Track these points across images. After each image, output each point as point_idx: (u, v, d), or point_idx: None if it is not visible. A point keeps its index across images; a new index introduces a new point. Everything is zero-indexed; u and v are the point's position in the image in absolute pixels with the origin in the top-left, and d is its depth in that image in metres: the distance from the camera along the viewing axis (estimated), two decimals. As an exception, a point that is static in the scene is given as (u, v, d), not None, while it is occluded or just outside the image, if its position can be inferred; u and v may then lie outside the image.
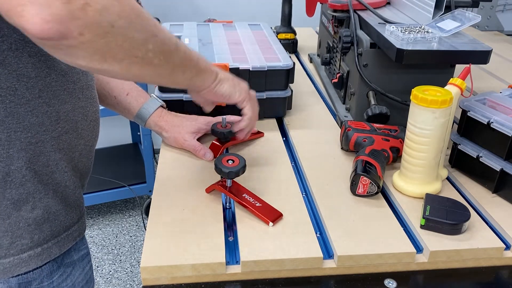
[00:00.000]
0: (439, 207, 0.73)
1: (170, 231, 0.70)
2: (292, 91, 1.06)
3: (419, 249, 0.70)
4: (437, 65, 0.95)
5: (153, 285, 0.65)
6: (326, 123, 1.07)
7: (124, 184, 2.27)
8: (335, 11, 1.12)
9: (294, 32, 1.53)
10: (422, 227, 0.72)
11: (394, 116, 0.93)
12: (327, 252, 0.69)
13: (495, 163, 0.79)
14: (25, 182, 0.66)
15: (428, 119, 0.74)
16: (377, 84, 0.95)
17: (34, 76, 0.62)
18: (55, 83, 0.65)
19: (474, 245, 0.70)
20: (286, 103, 1.06)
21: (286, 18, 1.51)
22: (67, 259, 0.76)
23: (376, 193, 0.79)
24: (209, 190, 0.79)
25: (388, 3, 1.19)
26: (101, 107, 0.86)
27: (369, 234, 0.71)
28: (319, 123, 1.06)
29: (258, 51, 1.07)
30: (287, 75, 1.02)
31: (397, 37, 0.88)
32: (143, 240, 0.98)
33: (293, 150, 0.96)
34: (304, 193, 0.82)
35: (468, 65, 0.80)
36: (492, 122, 0.79)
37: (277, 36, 1.23)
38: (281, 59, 1.02)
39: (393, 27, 0.91)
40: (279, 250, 0.67)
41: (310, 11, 1.34)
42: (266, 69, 0.99)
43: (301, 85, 1.27)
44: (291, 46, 1.52)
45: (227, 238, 0.71)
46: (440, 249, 0.69)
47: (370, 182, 0.78)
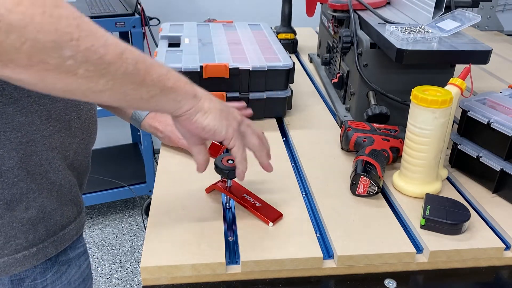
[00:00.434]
0: (439, 207, 0.73)
1: (170, 231, 0.70)
2: (292, 91, 1.06)
3: (419, 249, 0.70)
4: (437, 65, 0.95)
5: (153, 285, 0.65)
6: (326, 123, 1.07)
7: (124, 184, 2.27)
8: (335, 11, 1.12)
9: (294, 32, 1.53)
10: (422, 227, 0.72)
11: (394, 116, 0.93)
12: (327, 252, 0.69)
13: (495, 163, 0.79)
14: (17, 182, 0.65)
15: (428, 119, 0.74)
16: (377, 84, 0.95)
17: None
18: None
19: (474, 245, 0.70)
20: (286, 103, 1.06)
21: (286, 18, 1.51)
22: (62, 257, 0.75)
23: (376, 193, 0.79)
24: (209, 190, 0.79)
25: (388, 3, 1.19)
26: (99, 108, 0.86)
27: (369, 234, 0.71)
28: (319, 123, 1.06)
29: (258, 51, 1.07)
30: (287, 75, 1.02)
31: (397, 37, 0.88)
32: (143, 240, 0.98)
33: (293, 150, 0.96)
34: (304, 193, 0.82)
35: (468, 65, 0.80)
36: (492, 122, 0.79)
37: (277, 36, 1.23)
38: (281, 59, 1.02)
39: (393, 27, 0.91)
40: (279, 250, 0.67)
41: (310, 11, 1.34)
42: (266, 69, 0.99)
43: (301, 85, 1.27)
44: (291, 46, 1.52)
45: (227, 238, 0.71)
46: (440, 249, 0.69)
47: (370, 182, 0.78)
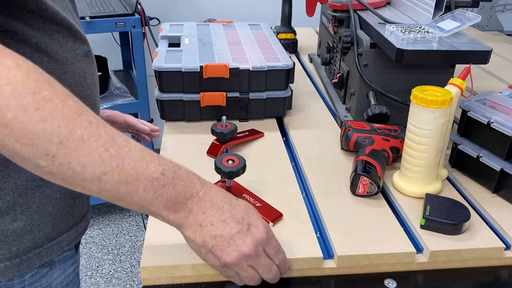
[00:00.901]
0: (439, 207, 0.73)
1: (170, 231, 0.70)
2: (292, 91, 1.06)
3: (419, 249, 0.70)
4: (437, 65, 0.95)
5: (153, 285, 0.65)
6: (326, 123, 1.07)
7: (124, 184, 2.27)
8: (335, 11, 1.12)
9: (294, 32, 1.53)
10: (422, 227, 0.72)
11: (394, 116, 0.93)
12: (327, 252, 0.69)
13: (495, 163, 0.79)
14: (3, 195, 0.63)
15: (428, 119, 0.74)
16: (377, 84, 0.95)
17: None
18: None
19: (474, 245, 0.70)
20: (286, 103, 1.06)
21: (286, 18, 1.51)
22: None
23: (376, 193, 0.79)
24: None
25: (388, 3, 1.19)
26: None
27: (369, 234, 0.71)
28: (319, 123, 1.06)
29: (258, 51, 1.07)
30: (287, 75, 1.02)
31: (397, 37, 0.88)
32: (143, 240, 0.98)
33: (293, 150, 0.96)
34: (304, 193, 0.82)
35: (468, 65, 0.80)
36: (492, 122, 0.79)
37: (277, 36, 1.23)
38: (281, 59, 1.02)
39: (393, 27, 0.91)
40: (279, 250, 0.67)
41: (310, 11, 1.34)
42: (266, 69, 0.99)
43: (301, 85, 1.27)
44: (291, 46, 1.52)
45: (227, 238, 0.71)
46: (440, 249, 0.69)
47: (370, 182, 0.78)
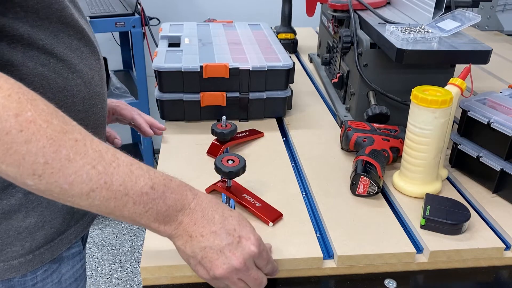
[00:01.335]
0: (439, 207, 0.73)
1: (170, 231, 0.70)
2: (292, 91, 1.06)
3: (419, 249, 0.70)
4: (437, 65, 0.95)
5: (153, 285, 0.65)
6: (326, 123, 1.07)
7: (124, 184, 2.26)
8: (335, 11, 1.12)
9: (294, 32, 1.53)
10: (422, 227, 0.72)
11: (394, 116, 0.93)
12: (327, 252, 0.69)
13: (495, 163, 0.79)
14: (15, 193, 0.64)
15: (428, 119, 0.74)
16: (377, 84, 0.95)
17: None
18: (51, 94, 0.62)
19: (474, 245, 0.70)
20: (286, 103, 1.06)
21: (286, 18, 1.51)
22: None
23: (376, 193, 0.79)
24: (209, 190, 0.79)
25: (388, 3, 1.19)
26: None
27: (369, 234, 0.71)
28: (319, 123, 1.06)
29: (258, 51, 1.07)
30: (287, 75, 1.02)
31: (397, 37, 0.88)
32: (143, 240, 0.98)
33: (293, 150, 0.96)
34: (304, 193, 0.82)
35: (468, 65, 0.80)
36: (492, 122, 0.79)
37: (277, 36, 1.23)
38: (281, 59, 1.02)
39: (393, 27, 0.91)
40: (279, 250, 0.67)
41: (310, 11, 1.34)
42: (266, 69, 0.99)
43: (301, 85, 1.27)
44: (291, 46, 1.52)
45: (227, 238, 0.71)
46: (440, 249, 0.69)
47: (370, 182, 0.78)
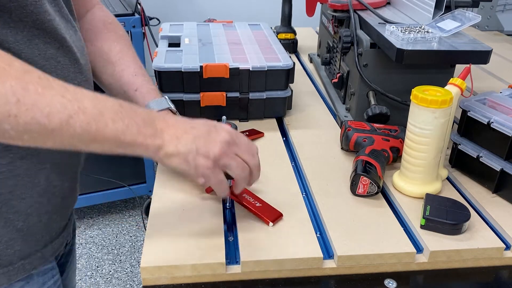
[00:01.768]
0: (439, 207, 0.73)
1: (170, 231, 0.70)
2: (292, 91, 1.06)
3: (419, 249, 0.70)
4: (437, 65, 0.95)
5: (153, 285, 0.65)
6: (326, 123, 1.07)
7: (124, 184, 2.27)
8: (335, 11, 1.12)
9: (294, 32, 1.53)
10: (422, 227, 0.72)
11: (394, 116, 0.93)
12: (327, 252, 0.69)
13: (495, 163, 0.79)
14: None
15: (428, 119, 0.74)
16: (377, 84, 0.95)
17: None
18: None
19: (474, 245, 0.70)
20: (286, 103, 1.06)
21: (286, 18, 1.51)
22: None
23: (376, 193, 0.79)
24: (210, 190, 0.79)
25: (388, 3, 1.19)
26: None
27: (369, 234, 0.71)
28: (319, 123, 1.06)
29: (258, 51, 1.07)
30: (287, 75, 1.02)
31: (397, 37, 0.88)
32: (143, 240, 0.98)
33: (293, 150, 0.96)
34: (304, 193, 0.82)
35: (468, 65, 0.80)
36: (492, 122, 0.79)
37: (277, 36, 1.23)
38: (281, 59, 1.02)
39: (393, 27, 0.91)
40: (279, 250, 0.67)
41: (310, 11, 1.34)
42: (266, 69, 0.99)
43: (301, 85, 1.27)
44: (291, 46, 1.52)
45: (227, 238, 0.71)
46: (440, 249, 0.69)
47: (370, 182, 0.78)
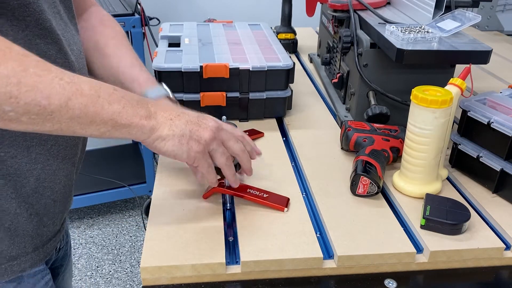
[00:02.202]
0: (439, 207, 0.73)
1: (170, 231, 0.70)
2: (292, 91, 1.06)
3: (419, 249, 0.70)
4: (437, 65, 0.95)
5: (153, 285, 0.65)
6: (326, 123, 1.07)
7: (124, 184, 2.27)
8: (335, 11, 1.12)
9: (294, 32, 1.53)
10: (422, 227, 0.72)
11: (394, 116, 0.93)
12: (327, 252, 0.69)
13: (495, 163, 0.79)
14: None
15: (428, 119, 0.74)
16: (377, 84, 0.95)
17: None
18: None
19: (474, 245, 0.70)
20: (286, 103, 1.06)
21: (286, 18, 1.51)
22: None
23: (376, 193, 0.79)
24: (207, 196, 0.77)
25: (388, 3, 1.19)
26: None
27: (369, 234, 0.71)
28: (319, 123, 1.06)
29: (258, 51, 1.07)
30: (287, 75, 1.02)
31: (397, 37, 0.88)
32: (143, 240, 0.98)
33: (293, 150, 0.96)
34: (304, 193, 0.82)
35: (468, 65, 0.80)
36: (492, 122, 0.79)
37: (277, 36, 1.23)
38: (281, 59, 1.02)
39: (393, 27, 0.91)
40: (279, 250, 0.67)
41: (310, 11, 1.34)
42: (266, 69, 0.99)
43: (301, 85, 1.27)
44: (291, 46, 1.52)
45: (227, 238, 0.71)
46: (440, 249, 0.69)
47: (370, 182, 0.78)
